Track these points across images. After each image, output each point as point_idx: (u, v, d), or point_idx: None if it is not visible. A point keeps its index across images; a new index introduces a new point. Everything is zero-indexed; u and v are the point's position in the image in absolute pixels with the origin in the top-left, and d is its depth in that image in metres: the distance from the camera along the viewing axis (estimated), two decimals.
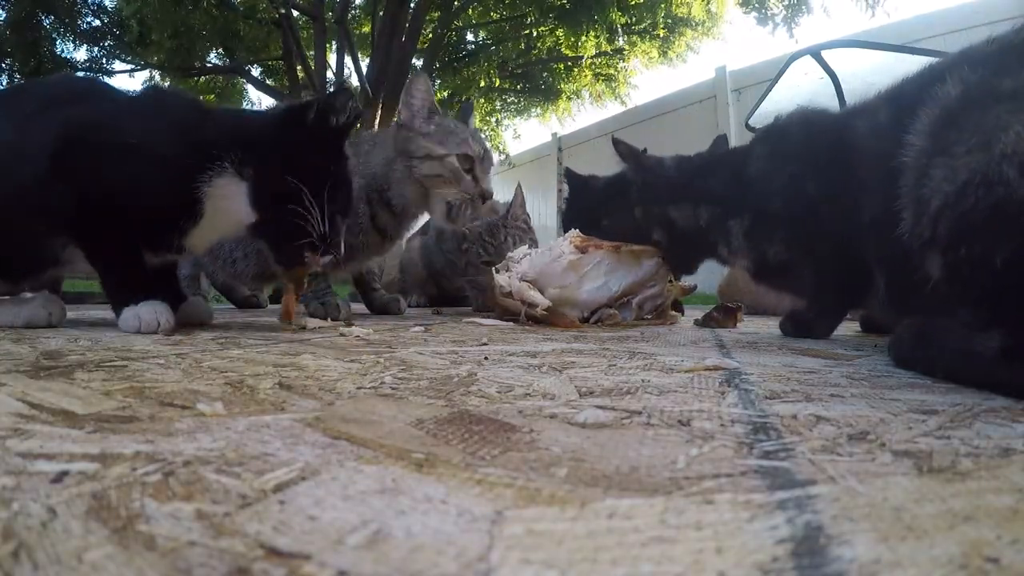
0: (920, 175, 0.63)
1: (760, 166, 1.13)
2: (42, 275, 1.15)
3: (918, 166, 0.64)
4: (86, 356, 0.68)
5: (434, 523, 0.24)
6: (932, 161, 0.61)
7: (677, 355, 0.78)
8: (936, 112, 0.64)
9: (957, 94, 0.63)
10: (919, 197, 0.62)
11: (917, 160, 0.64)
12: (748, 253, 1.17)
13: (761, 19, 5.05)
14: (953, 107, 0.62)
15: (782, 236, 1.09)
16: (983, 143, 0.55)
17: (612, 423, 0.41)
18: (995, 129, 0.54)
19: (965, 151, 0.57)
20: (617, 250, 1.40)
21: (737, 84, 4.80)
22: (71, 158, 0.97)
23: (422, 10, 6.41)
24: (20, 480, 0.28)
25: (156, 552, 0.21)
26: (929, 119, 0.65)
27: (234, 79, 8.14)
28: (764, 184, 1.10)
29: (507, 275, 1.40)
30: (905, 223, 0.66)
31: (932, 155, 0.61)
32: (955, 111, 0.61)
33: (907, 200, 0.66)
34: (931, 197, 0.60)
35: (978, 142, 0.56)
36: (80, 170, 0.97)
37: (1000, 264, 0.53)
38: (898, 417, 0.43)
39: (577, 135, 6.65)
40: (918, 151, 0.65)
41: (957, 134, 0.59)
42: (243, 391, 0.49)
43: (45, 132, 0.98)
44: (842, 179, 0.92)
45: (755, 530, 0.24)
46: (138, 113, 1.05)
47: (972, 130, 0.57)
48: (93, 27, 7.10)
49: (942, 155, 0.59)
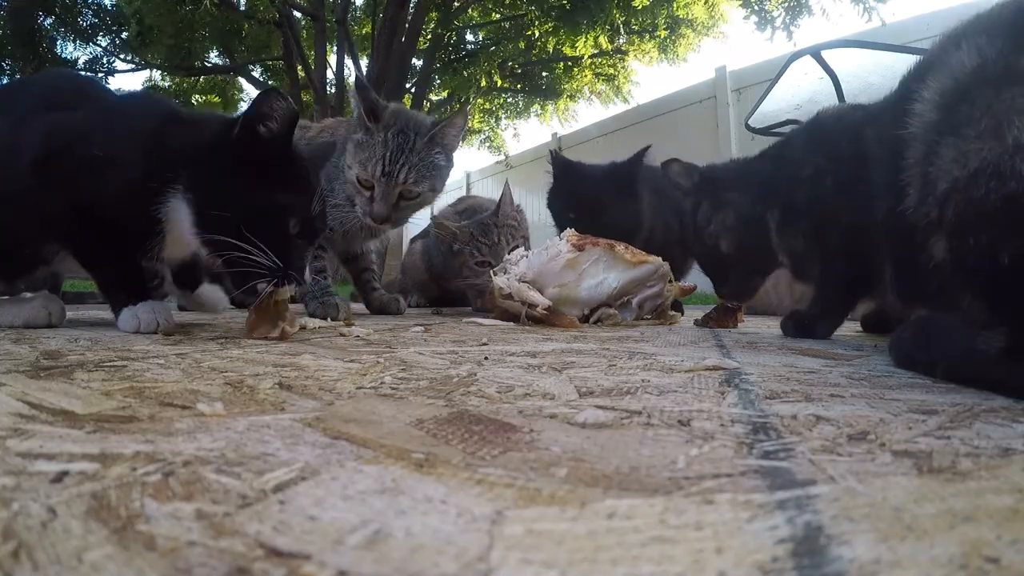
0: (928, 151, 0.61)
1: (793, 159, 1.11)
2: (34, 273, 1.14)
3: (927, 140, 0.62)
4: (86, 356, 0.68)
5: (434, 523, 0.24)
6: (942, 139, 0.59)
7: (677, 355, 0.78)
8: (948, 83, 0.62)
9: (973, 66, 0.59)
10: (926, 175, 0.61)
11: (925, 134, 0.62)
12: (784, 250, 1.13)
13: (760, 23, 5.04)
14: (967, 80, 0.59)
15: (803, 229, 1.08)
16: (995, 127, 0.53)
17: (612, 423, 0.40)
18: (1010, 112, 0.53)
19: (976, 135, 0.55)
20: (612, 248, 1.40)
21: (737, 84, 4.80)
22: (50, 164, 0.95)
23: (422, 10, 6.41)
24: (20, 480, 0.28)
25: (156, 552, 0.21)
26: (939, 88, 0.62)
27: (234, 79, 8.15)
28: (793, 179, 1.08)
29: (505, 277, 1.40)
30: (910, 198, 0.64)
31: (942, 132, 0.59)
32: (968, 85, 0.59)
33: (913, 174, 0.64)
34: (938, 178, 0.58)
35: (989, 126, 0.54)
36: (59, 178, 0.95)
37: (1006, 261, 0.53)
38: (898, 417, 0.43)
39: (577, 135, 6.65)
40: (926, 124, 0.63)
41: (969, 111, 0.56)
42: (243, 391, 0.49)
43: (31, 135, 0.97)
44: (857, 169, 0.91)
45: (755, 530, 0.24)
46: (112, 129, 0.99)
47: (984, 110, 0.55)
48: (93, 26, 7.10)
49: (952, 135, 0.57)
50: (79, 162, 0.95)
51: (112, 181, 0.94)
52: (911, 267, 0.68)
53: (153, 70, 7.51)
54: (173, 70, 7.11)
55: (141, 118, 1.02)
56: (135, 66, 7.49)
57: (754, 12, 5.08)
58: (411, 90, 7.03)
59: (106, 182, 0.94)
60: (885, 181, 0.73)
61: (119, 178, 0.94)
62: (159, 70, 7.44)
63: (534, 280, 1.37)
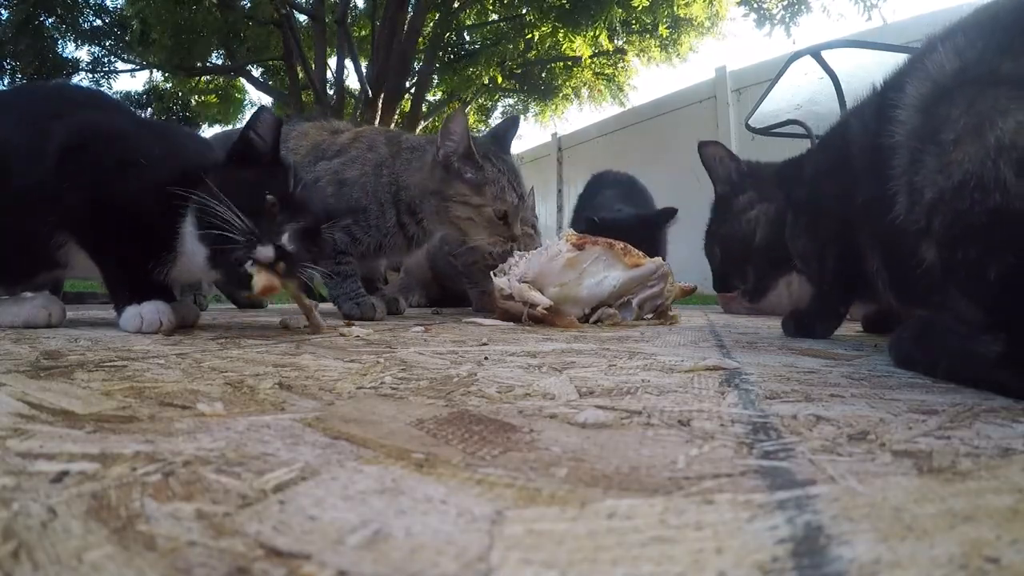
0: (912, 159, 0.61)
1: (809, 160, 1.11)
2: (37, 279, 1.15)
3: (910, 147, 0.62)
4: (86, 356, 0.68)
5: (434, 523, 0.24)
6: (924, 147, 0.59)
7: (677, 355, 0.78)
8: (927, 86, 0.61)
9: (953, 69, 0.59)
10: (912, 183, 0.61)
11: (908, 140, 0.62)
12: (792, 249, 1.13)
13: (759, 21, 5.03)
14: (947, 83, 0.59)
15: (804, 226, 1.07)
16: (976, 126, 0.53)
17: (612, 423, 0.40)
18: (992, 113, 0.52)
19: (954, 138, 0.55)
20: (611, 247, 1.40)
21: (737, 84, 4.80)
22: (78, 160, 0.98)
23: (422, 10, 6.42)
24: (20, 480, 0.28)
25: (156, 552, 0.21)
26: (919, 93, 0.62)
27: (235, 79, 8.16)
28: (799, 178, 1.08)
29: (506, 277, 1.40)
30: (900, 206, 0.64)
31: (923, 139, 0.59)
32: (948, 87, 0.59)
33: (900, 183, 0.64)
34: (924, 186, 0.58)
35: (969, 124, 0.54)
36: (85, 174, 0.98)
37: (994, 277, 0.53)
38: (898, 417, 0.43)
39: (577, 135, 6.65)
40: (909, 131, 0.63)
41: (947, 111, 0.56)
42: (243, 391, 0.49)
43: (59, 134, 0.99)
44: (849, 166, 0.91)
45: (755, 530, 0.24)
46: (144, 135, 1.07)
47: (964, 109, 0.55)
48: (94, 27, 7.11)
49: (931, 142, 0.58)
50: (108, 163, 0.98)
51: (138, 182, 0.98)
52: (905, 268, 0.68)
53: (154, 71, 7.53)
54: (174, 70, 7.11)
55: (170, 133, 1.11)
56: (136, 66, 7.50)
57: (753, 9, 5.08)
58: (411, 90, 7.04)
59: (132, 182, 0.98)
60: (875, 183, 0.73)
61: (146, 179, 0.98)
62: (160, 70, 7.45)
63: (535, 280, 1.37)
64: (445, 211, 1.48)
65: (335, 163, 1.56)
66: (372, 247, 1.56)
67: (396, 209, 1.53)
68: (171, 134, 1.18)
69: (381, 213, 1.52)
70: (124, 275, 1.03)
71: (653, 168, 4.13)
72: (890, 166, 0.65)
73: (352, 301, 1.48)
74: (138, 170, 0.99)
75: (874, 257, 0.85)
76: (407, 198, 1.52)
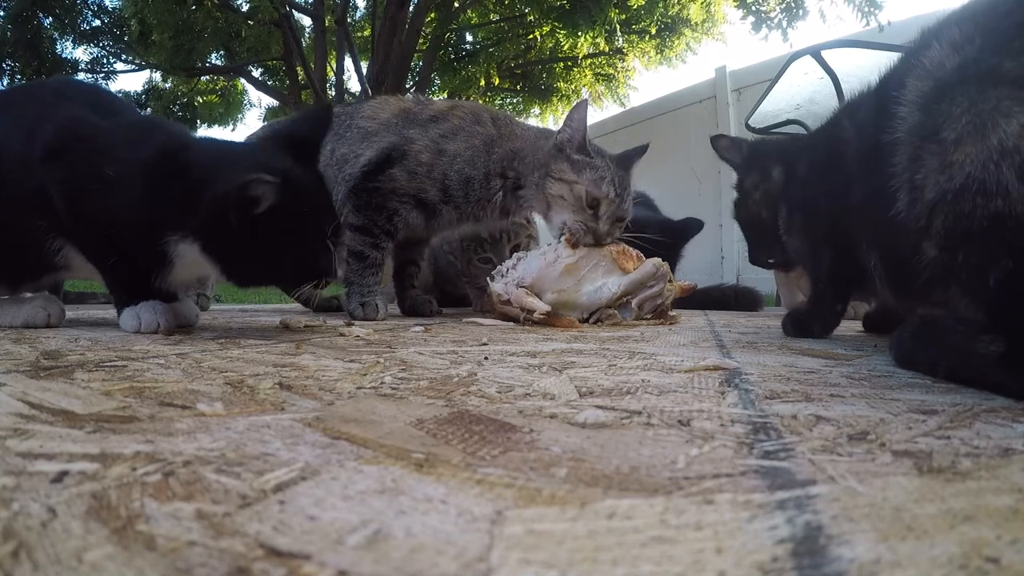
0: (913, 156, 0.61)
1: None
2: (41, 280, 1.14)
3: (911, 144, 0.62)
4: (86, 356, 0.68)
5: (434, 523, 0.24)
6: (925, 144, 0.59)
7: (677, 355, 0.78)
8: (929, 84, 0.61)
9: (953, 66, 0.59)
10: (913, 181, 0.61)
11: (909, 137, 0.62)
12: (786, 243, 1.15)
13: (756, 24, 5.02)
14: (947, 80, 0.59)
15: (798, 222, 1.08)
16: (979, 126, 0.53)
17: (612, 423, 0.40)
18: (993, 113, 0.52)
19: (955, 138, 0.55)
20: (610, 251, 1.40)
21: (737, 84, 4.81)
22: (58, 164, 0.95)
23: (422, 10, 6.42)
24: (20, 480, 0.28)
25: (156, 552, 0.21)
26: (920, 91, 0.62)
27: (235, 79, 8.16)
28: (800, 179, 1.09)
29: (503, 282, 1.40)
30: (900, 203, 0.64)
31: (924, 136, 0.59)
32: (950, 84, 0.58)
33: (901, 181, 0.64)
34: (925, 185, 0.58)
35: (971, 123, 0.53)
36: (67, 180, 0.94)
37: (995, 279, 0.52)
38: (898, 417, 0.43)
39: None
40: (909, 128, 0.63)
41: (948, 108, 0.56)
42: (243, 391, 0.49)
43: (49, 132, 0.97)
44: (844, 164, 0.91)
45: (755, 530, 0.24)
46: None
47: (966, 108, 0.55)
48: (93, 27, 7.11)
49: (932, 140, 0.57)
50: (92, 172, 0.94)
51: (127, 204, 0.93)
52: (905, 265, 0.68)
53: (154, 71, 7.53)
54: (173, 71, 7.11)
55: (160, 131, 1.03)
56: (136, 67, 7.50)
57: (751, 13, 5.07)
58: (411, 90, 7.04)
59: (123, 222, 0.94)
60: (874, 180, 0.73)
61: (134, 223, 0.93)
62: (159, 71, 7.45)
63: (532, 285, 1.37)
64: (543, 186, 1.51)
65: (433, 132, 1.57)
66: (469, 215, 1.60)
67: (502, 178, 1.56)
68: (162, 132, 1.06)
69: (486, 184, 1.55)
70: (121, 278, 1.03)
71: (653, 168, 4.13)
72: (891, 163, 0.65)
73: (359, 300, 1.48)
74: (116, 184, 0.93)
75: (871, 254, 0.85)
76: (515, 172, 1.55)
